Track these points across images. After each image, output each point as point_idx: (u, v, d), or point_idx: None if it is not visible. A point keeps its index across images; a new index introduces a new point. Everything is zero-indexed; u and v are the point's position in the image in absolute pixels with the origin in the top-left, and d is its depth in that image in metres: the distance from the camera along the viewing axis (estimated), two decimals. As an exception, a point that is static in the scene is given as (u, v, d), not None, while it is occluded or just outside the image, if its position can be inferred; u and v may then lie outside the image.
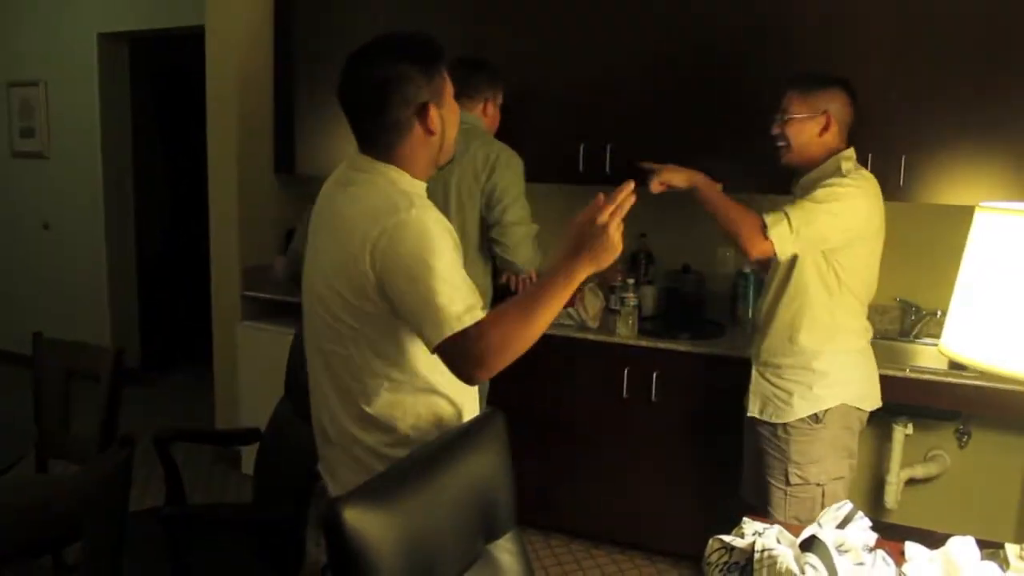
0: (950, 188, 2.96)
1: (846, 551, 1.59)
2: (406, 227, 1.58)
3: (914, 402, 3.02)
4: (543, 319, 1.58)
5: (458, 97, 1.97)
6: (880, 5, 2.97)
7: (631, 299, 3.33)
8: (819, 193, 2.42)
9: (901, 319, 3.39)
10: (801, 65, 3.03)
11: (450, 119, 1.75)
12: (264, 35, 4.05)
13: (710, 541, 1.62)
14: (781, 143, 2.54)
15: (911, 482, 3.38)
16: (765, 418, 2.59)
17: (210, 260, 4.14)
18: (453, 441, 1.58)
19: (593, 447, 3.39)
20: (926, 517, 3.42)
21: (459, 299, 1.56)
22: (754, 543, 1.55)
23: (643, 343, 3.27)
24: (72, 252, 5.63)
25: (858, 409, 2.56)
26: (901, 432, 3.27)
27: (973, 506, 3.38)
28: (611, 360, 3.31)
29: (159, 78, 6.09)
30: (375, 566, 1.27)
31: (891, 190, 2.98)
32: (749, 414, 2.64)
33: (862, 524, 1.67)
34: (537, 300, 1.58)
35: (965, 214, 3.11)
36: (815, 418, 2.51)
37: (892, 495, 3.30)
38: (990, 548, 1.70)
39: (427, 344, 1.59)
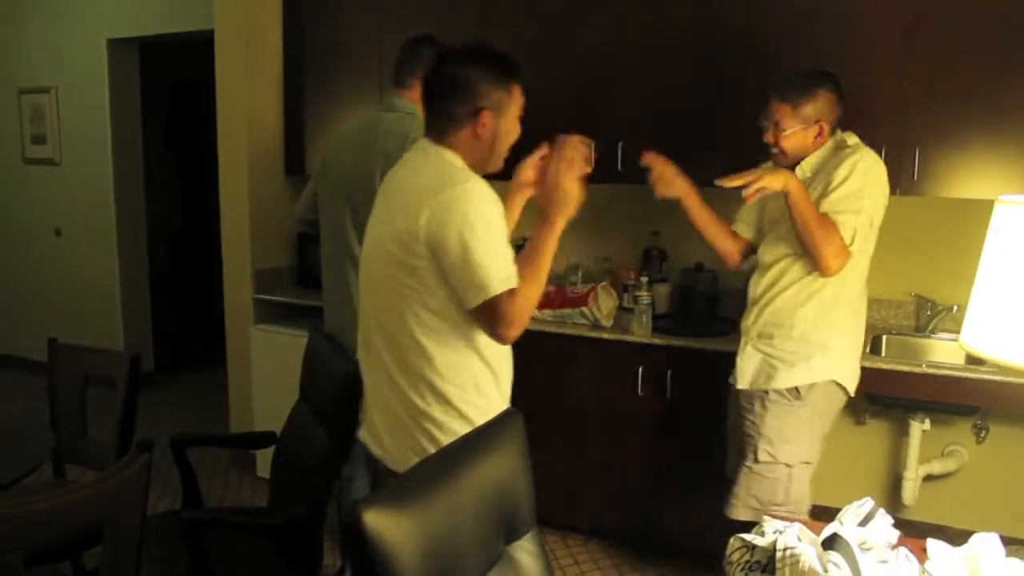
0: (965, 181, 2.93)
1: (868, 549, 1.58)
2: (457, 198, 1.77)
3: (931, 397, 3.00)
4: (545, 275, 1.87)
5: (397, 77, 2.52)
6: (892, -3, 2.95)
7: (645, 297, 3.32)
8: (851, 183, 2.41)
9: (916, 314, 3.37)
10: (814, 56, 3.03)
11: (504, 134, 1.94)
12: (273, 38, 4.06)
13: (731, 540, 1.61)
14: (775, 150, 2.55)
15: (929, 478, 3.36)
16: (755, 388, 2.58)
17: (222, 263, 4.15)
18: (472, 442, 1.58)
19: (609, 446, 3.39)
20: (944, 513, 3.40)
21: (500, 266, 1.77)
22: (776, 541, 1.54)
23: (657, 341, 3.26)
24: (84, 258, 5.65)
25: (842, 390, 2.56)
26: (918, 428, 3.24)
27: (991, 501, 3.35)
28: (626, 359, 3.30)
29: (169, 83, 6.13)
30: (397, 570, 1.26)
31: (905, 184, 2.97)
32: (739, 386, 2.63)
33: (884, 521, 1.65)
34: (537, 262, 1.86)
35: (980, 207, 3.11)
36: (796, 393, 2.51)
37: (910, 492, 3.28)
38: (1014, 544, 1.69)
39: (466, 304, 1.79)
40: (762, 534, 1.66)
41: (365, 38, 3.85)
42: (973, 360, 3.12)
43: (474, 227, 1.75)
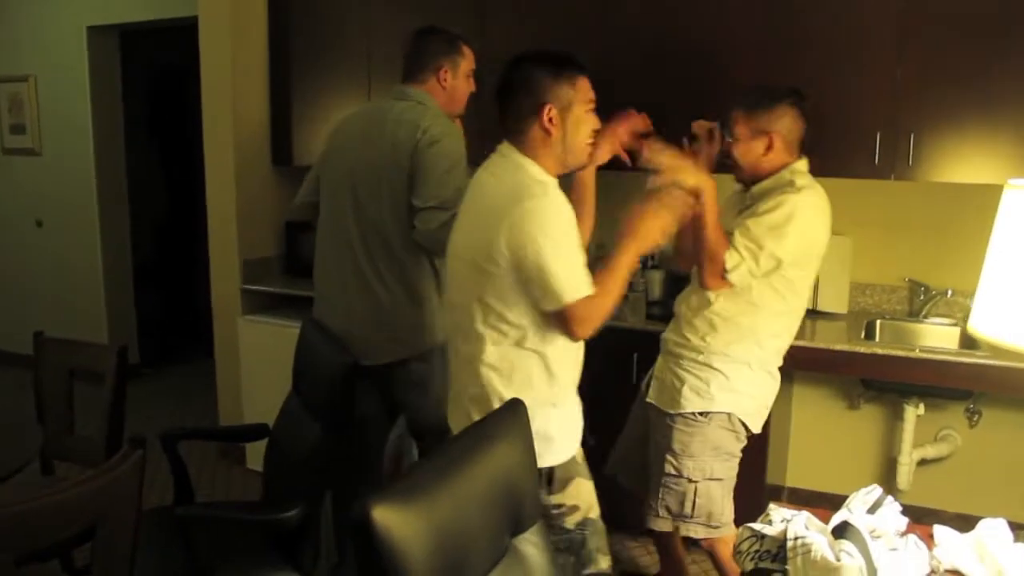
0: (959, 166, 2.93)
1: (878, 536, 1.57)
2: (533, 213, 1.90)
3: (925, 382, 3.01)
4: (622, 287, 2.04)
5: (408, 72, 2.57)
6: (886, -19, 2.93)
7: (639, 284, 3.30)
8: (770, 217, 2.31)
9: (910, 299, 3.37)
10: (809, 45, 3.01)
11: (574, 128, 2.02)
12: (258, 25, 3.99)
13: (740, 529, 1.60)
14: (728, 161, 2.46)
15: (923, 462, 3.37)
16: (659, 405, 2.53)
17: (208, 253, 4.09)
18: (479, 433, 1.55)
19: (606, 434, 3.36)
20: (938, 497, 3.41)
21: (573, 277, 1.93)
22: (786, 530, 1.52)
23: (651, 328, 3.23)
24: (66, 249, 5.56)
25: (743, 424, 2.48)
26: (913, 413, 3.25)
27: (984, 485, 3.37)
28: (620, 346, 3.27)
29: (151, 71, 6.02)
30: (405, 567, 1.23)
31: (900, 169, 2.96)
32: (648, 399, 2.59)
33: (893, 509, 1.64)
34: (614, 278, 2.02)
35: (973, 192, 3.14)
36: (703, 413, 2.45)
37: (904, 476, 3.29)
38: (1021, 529, 1.69)
39: (540, 306, 1.95)
40: (769, 523, 1.64)
41: (353, 25, 3.79)
42: (967, 344, 3.13)
43: (548, 241, 1.89)
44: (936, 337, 3.25)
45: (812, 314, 3.35)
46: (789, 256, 2.33)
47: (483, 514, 1.44)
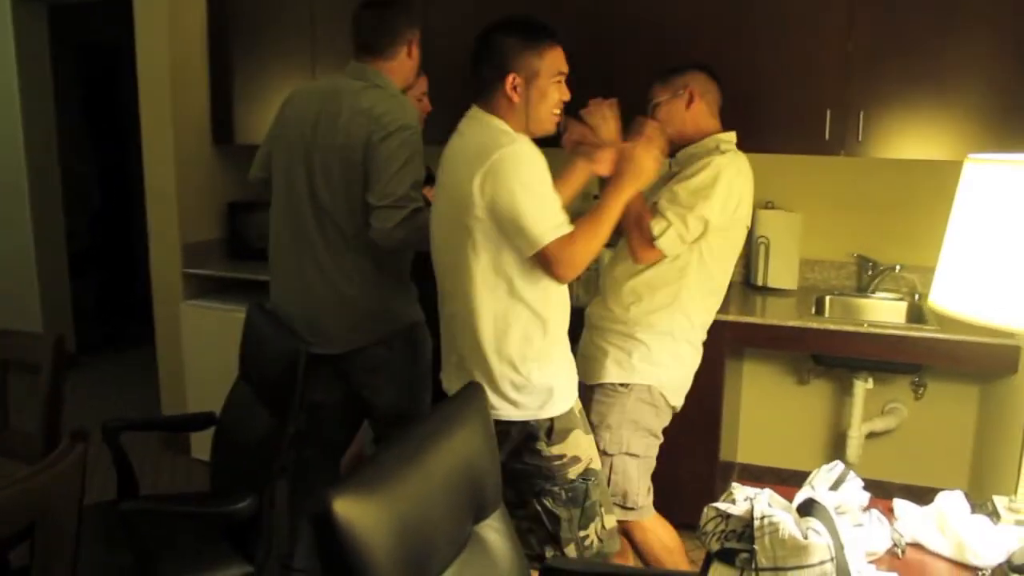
0: (908, 142, 2.96)
1: (843, 513, 1.57)
2: (505, 160, 1.93)
3: (874, 357, 3.04)
4: (607, 230, 2.05)
5: (370, 46, 2.49)
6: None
7: (591, 263, 3.26)
8: (695, 180, 2.31)
9: (858, 274, 3.40)
10: (757, 21, 3.00)
11: (538, 98, 2.05)
12: (195, -1, 3.85)
13: (705, 509, 1.58)
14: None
15: (870, 435, 3.42)
16: (583, 379, 2.38)
17: (147, 236, 3.95)
18: (437, 418, 1.51)
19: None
20: (884, 469, 3.47)
21: (548, 218, 1.94)
22: (751, 509, 1.51)
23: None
24: (-5, 235, 5.33)
25: (663, 397, 2.44)
26: (862, 387, 3.29)
27: (928, 455, 3.44)
28: (573, 326, 3.23)
29: (83, 50, 5.80)
30: (369, 559, 1.19)
31: (850, 145, 2.98)
32: None
33: (855, 484, 1.64)
34: (600, 219, 2.03)
35: (921, 168, 3.17)
36: (623, 384, 2.41)
37: (854, 449, 3.34)
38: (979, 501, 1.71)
39: (522, 254, 1.96)
40: (732, 501, 1.63)
41: (295, -2, 3.67)
42: (915, 318, 3.18)
43: (522, 185, 1.92)
44: (884, 312, 3.29)
45: (762, 290, 3.38)
46: (716, 217, 2.31)
47: (446, 501, 1.40)
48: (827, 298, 3.35)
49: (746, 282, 3.48)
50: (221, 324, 3.63)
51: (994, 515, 1.65)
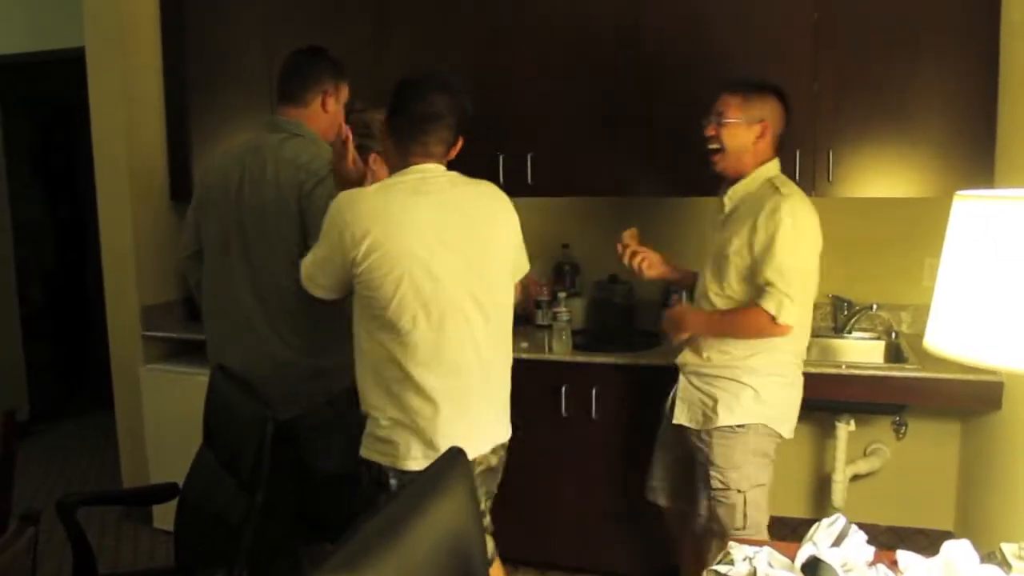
0: (878, 181, 2.96)
1: (849, 570, 1.49)
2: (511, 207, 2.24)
3: (854, 398, 3.00)
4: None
5: (286, 93, 2.49)
6: (799, -2, 2.94)
7: (564, 314, 3.21)
8: (778, 235, 2.33)
9: (834, 315, 3.37)
10: (721, 63, 2.99)
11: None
12: (151, 54, 3.77)
13: (704, 573, 1.50)
14: (715, 146, 2.47)
15: (854, 478, 3.36)
16: (691, 425, 2.55)
17: (104, 299, 3.81)
18: (422, 487, 1.41)
19: (536, 470, 3.24)
20: (870, 512, 3.40)
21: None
22: (754, 572, 1.43)
23: (580, 359, 3.14)
24: (-56, 301, 5.14)
25: (776, 431, 2.52)
26: (844, 429, 3.23)
27: (914, 496, 3.39)
28: (547, 378, 3.16)
29: (36, 108, 5.68)
30: (351, 648, 1.08)
31: (821, 186, 2.97)
32: (675, 421, 2.59)
33: (858, 539, 1.56)
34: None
35: (894, 206, 3.16)
36: (740, 425, 2.47)
37: (839, 493, 3.26)
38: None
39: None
40: (731, 563, 1.55)
41: (253, 51, 3.60)
42: (893, 357, 3.14)
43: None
44: (862, 352, 3.26)
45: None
46: (804, 262, 2.39)
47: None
48: (804, 340, 3.30)
49: (722, 326, 3.43)
50: (183, 388, 3.49)
51: (1004, 564, 1.58)
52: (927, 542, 3.18)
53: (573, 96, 3.25)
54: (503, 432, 2.25)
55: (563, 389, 3.15)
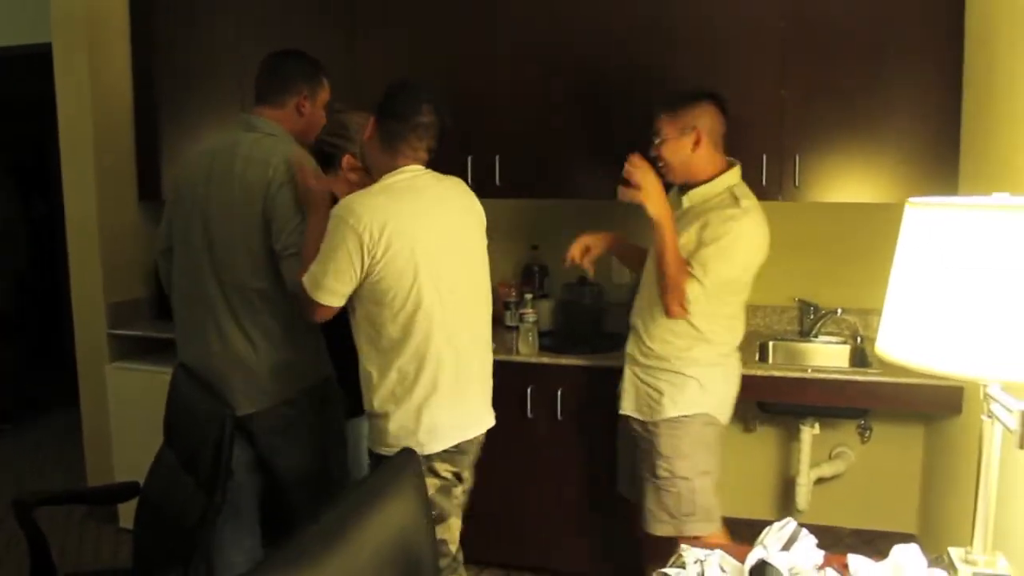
0: (844, 186, 2.97)
1: (797, 574, 1.50)
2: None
3: (819, 402, 3.02)
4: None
5: (262, 94, 2.50)
6: (766, 4, 2.95)
7: (530, 315, 3.21)
8: (722, 240, 2.40)
9: (800, 319, 3.39)
10: (692, 66, 3.01)
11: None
12: (119, 49, 3.73)
13: (653, 575, 1.50)
14: (661, 164, 2.52)
15: (818, 481, 3.38)
16: (637, 415, 2.60)
17: (71, 297, 3.78)
18: (366, 488, 1.41)
19: (501, 472, 3.23)
20: (834, 514, 3.44)
21: None
22: (703, 574, 1.43)
23: (546, 360, 3.15)
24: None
25: (717, 419, 2.58)
26: (808, 433, 3.26)
27: (878, 499, 3.42)
28: (513, 379, 3.16)
29: (5, 104, 5.63)
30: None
31: (787, 190, 2.99)
32: (622, 412, 2.65)
33: (808, 543, 1.57)
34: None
35: (858, 211, 3.19)
36: (685, 416, 2.53)
37: (803, 496, 3.29)
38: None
39: None
40: (683, 565, 1.55)
41: (224, 47, 3.58)
42: (858, 362, 3.17)
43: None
44: (827, 356, 3.28)
45: (705, 338, 3.34)
46: (737, 274, 2.46)
47: (377, 579, 1.30)
48: (770, 343, 3.33)
49: (689, 329, 3.44)
50: (149, 386, 3.46)
51: (951, 568, 1.59)
52: (890, 545, 3.20)
53: (542, 98, 3.26)
54: (490, 418, 2.42)
55: (529, 390, 3.15)
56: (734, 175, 2.52)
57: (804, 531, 1.60)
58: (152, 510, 2.35)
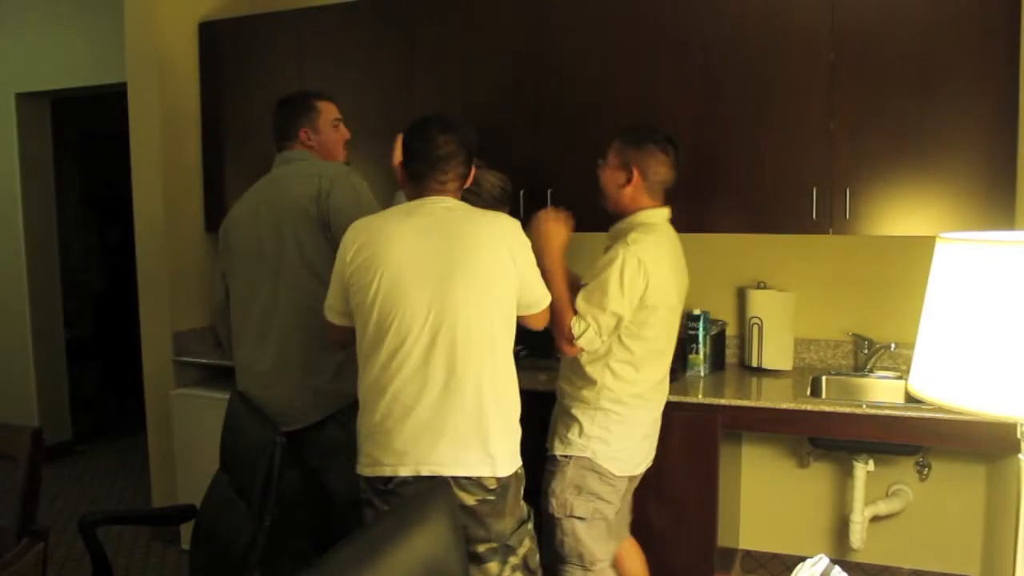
0: (895, 219, 2.93)
1: (827, 611, 1.48)
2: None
3: (873, 438, 2.96)
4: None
5: (278, 140, 2.69)
6: (816, 34, 2.95)
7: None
8: (601, 276, 2.37)
9: (855, 353, 3.34)
10: (741, 102, 3.02)
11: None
12: (189, 90, 3.92)
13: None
14: (598, 185, 2.56)
15: (875, 519, 3.31)
16: (547, 447, 2.60)
17: (140, 325, 3.94)
18: (401, 517, 1.45)
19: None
20: (892, 554, 3.35)
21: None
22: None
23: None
24: (-7, 325, 5.33)
25: (603, 467, 2.48)
26: (862, 469, 3.20)
27: (938, 539, 3.32)
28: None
29: (86, 139, 5.91)
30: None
31: (838, 223, 2.96)
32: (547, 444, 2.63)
33: (840, 580, 1.56)
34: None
35: (911, 244, 3.14)
36: (565, 456, 2.51)
37: (857, 535, 3.22)
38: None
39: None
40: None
41: (287, 85, 3.71)
42: (913, 398, 3.10)
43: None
44: (882, 391, 3.22)
45: (757, 372, 3.31)
46: (626, 311, 2.38)
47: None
48: (823, 378, 3.28)
49: (741, 363, 3.43)
50: (211, 412, 3.56)
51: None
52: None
53: (509, 119, 3.33)
54: (474, 463, 2.02)
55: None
56: (650, 215, 2.49)
57: (837, 568, 1.59)
58: (206, 533, 2.43)
